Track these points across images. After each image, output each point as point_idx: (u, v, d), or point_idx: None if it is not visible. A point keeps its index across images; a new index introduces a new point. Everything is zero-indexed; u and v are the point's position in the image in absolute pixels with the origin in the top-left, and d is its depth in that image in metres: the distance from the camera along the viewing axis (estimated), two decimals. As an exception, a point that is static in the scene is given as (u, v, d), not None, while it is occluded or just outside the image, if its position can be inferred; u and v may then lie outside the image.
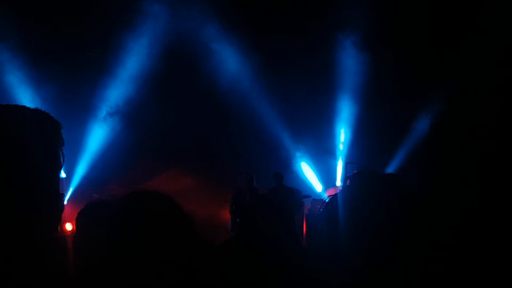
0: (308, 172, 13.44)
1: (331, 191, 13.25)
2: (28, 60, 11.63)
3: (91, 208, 3.67)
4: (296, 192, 10.85)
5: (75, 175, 12.02)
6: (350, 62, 12.63)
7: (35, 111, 1.99)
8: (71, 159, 11.76)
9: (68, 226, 8.63)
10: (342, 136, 13.32)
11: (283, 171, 11.35)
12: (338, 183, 13.36)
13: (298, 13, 12.20)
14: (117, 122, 12.72)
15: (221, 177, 12.97)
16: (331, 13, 12.05)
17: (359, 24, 12.02)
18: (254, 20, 12.49)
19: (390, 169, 12.76)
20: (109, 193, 11.95)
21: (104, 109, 12.59)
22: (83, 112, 12.43)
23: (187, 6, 11.99)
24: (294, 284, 3.55)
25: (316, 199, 12.89)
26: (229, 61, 12.71)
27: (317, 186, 13.44)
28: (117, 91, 12.50)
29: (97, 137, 12.54)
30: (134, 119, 12.87)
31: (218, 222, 11.73)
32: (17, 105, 2.13)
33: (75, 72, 12.17)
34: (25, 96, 11.81)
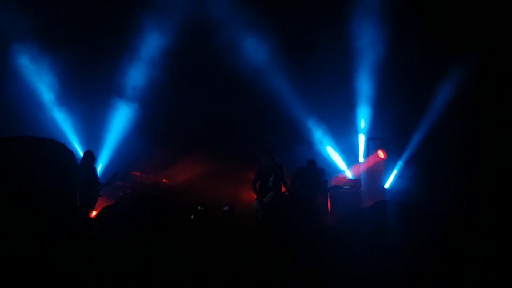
0: (330, 149, 13.32)
1: (356, 168, 13.18)
2: (46, 45, 11.73)
3: (106, 210, 4.85)
4: (320, 171, 10.84)
5: (99, 161, 12.05)
6: (370, 34, 12.42)
7: (52, 141, 3.10)
8: (94, 143, 11.85)
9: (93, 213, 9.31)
10: (363, 111, 13.14)
11: (304, 148, 11.37)
12: (361, 159, 13.23)
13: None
14: (138, 109, 12.73)
15: (242, 158, 12.90)
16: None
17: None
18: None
19: (413, 142, 12.66)
20: (134, 180, 12.06)
21: (125, 94, 12.63)
22: (101, 97, 12.49)
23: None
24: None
25: (340, 176, 12.82)
26: (248, 41, 12.59)
27: (340, 163, 13.32)
28: (138, 77, 12.56)
29: (118, 123, 12.59)
30: (155, 106, 12.87)
31: (244, 198, 11.74)
32: (38, 137, 3.22)
33: (92, 56, 12.21)
34: (44, 80, 11.97)
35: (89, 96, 12.18)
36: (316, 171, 10.54)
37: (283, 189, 9.97)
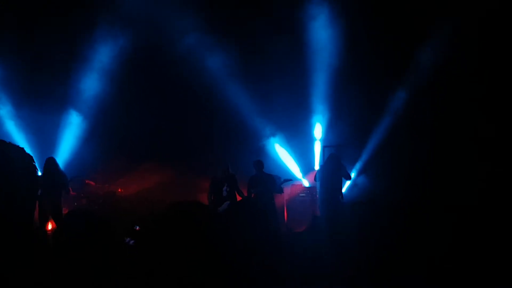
0: (286, 158, 13.35)
1: (311, 176, 13.21)
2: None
3: (71, 216, 5.11)
4: (276, 179, 10.73)
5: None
6: (324, 41, 12.54)
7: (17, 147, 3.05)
8: (43, 152, 11.54)
9: (49, 226, 9.48)
10: (318, 119, 13.21)
11: (261, 157, 11.22)
12: (317, 167, 13.28)
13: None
14: (89, 117, 12.53)
15: (198, 167, 12.80)
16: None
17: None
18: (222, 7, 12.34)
19: (367, 149, 12.82)
20: (89, 189, 11.91)
21: (75, 102, 12.42)
22: (51, 105, 12.21)
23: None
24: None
25: (296, 184, 12.82)
26: (199, 50, 12.53)
27: (296, 171, 13.35)
28: (89, 86, 12.40)
29: (68, 132, 12.40)
30: (106, 114, 12.68)
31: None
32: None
33: (41, 64, 11.96)
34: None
35: (38, 104, 11.90)
36: (269, 176, 10.47)
37: (239, 198, 9.93)
